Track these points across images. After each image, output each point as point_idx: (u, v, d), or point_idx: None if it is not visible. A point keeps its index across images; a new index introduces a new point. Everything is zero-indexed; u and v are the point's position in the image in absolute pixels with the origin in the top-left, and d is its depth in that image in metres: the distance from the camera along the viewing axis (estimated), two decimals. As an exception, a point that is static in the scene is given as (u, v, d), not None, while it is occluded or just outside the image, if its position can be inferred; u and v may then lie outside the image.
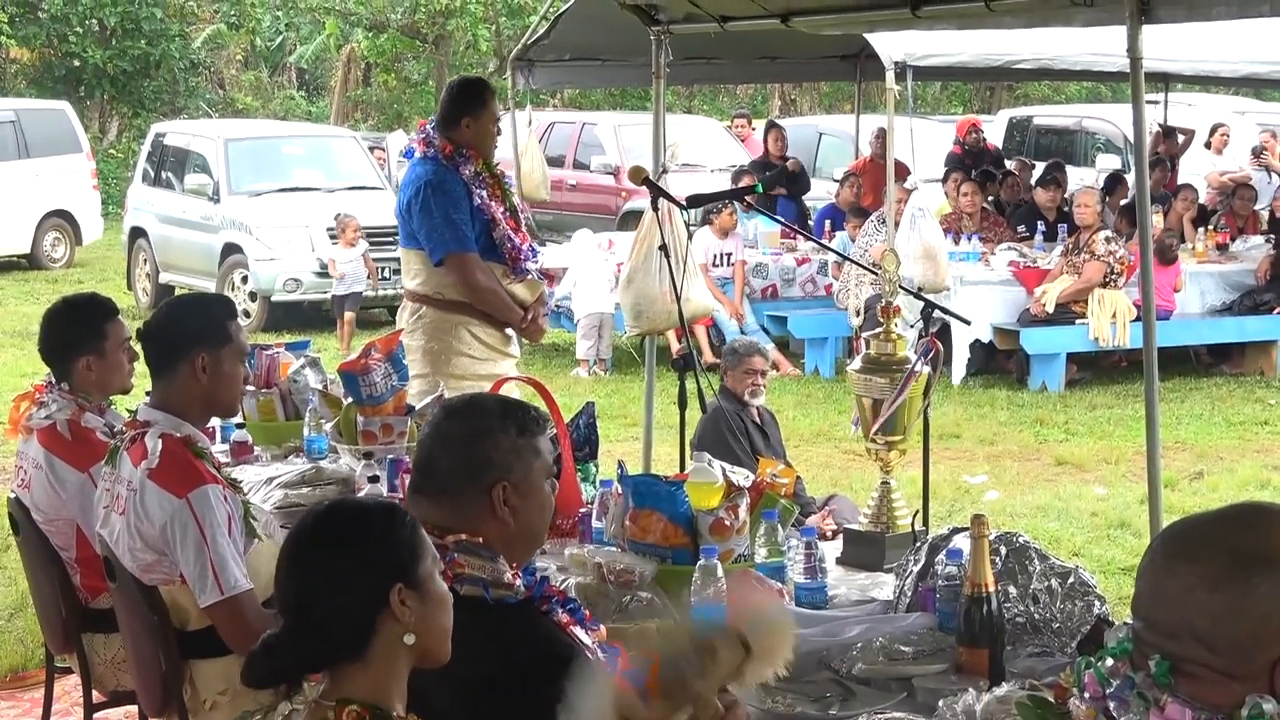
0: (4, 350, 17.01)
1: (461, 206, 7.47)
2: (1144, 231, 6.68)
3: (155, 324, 5.18)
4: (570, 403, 8.18)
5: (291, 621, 3.04)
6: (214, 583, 4.74)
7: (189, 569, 4.77)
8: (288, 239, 18.69)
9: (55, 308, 5.97)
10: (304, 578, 3.06)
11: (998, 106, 36.18)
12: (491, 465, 3.69)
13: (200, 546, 4.75)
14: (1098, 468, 11.78)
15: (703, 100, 41.48)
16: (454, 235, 7.45)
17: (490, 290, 7.55)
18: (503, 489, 3.67)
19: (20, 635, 7.99)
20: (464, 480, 3.68)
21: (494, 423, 3.74)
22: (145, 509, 4.81)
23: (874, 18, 7.93)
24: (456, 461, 3.70)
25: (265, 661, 3.03)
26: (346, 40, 40.09)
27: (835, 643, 4.25)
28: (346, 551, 3.06)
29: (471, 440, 3.72)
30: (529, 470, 3.73)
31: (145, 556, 4.87)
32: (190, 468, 4.85)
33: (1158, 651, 2.52)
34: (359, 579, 3.04)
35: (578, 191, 24.00)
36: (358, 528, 3.11)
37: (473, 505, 3.66)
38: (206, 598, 4.76)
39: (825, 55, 16.11)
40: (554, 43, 12.15)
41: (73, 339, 5.80)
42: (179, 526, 4.76)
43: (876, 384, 5.34)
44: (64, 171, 24.18)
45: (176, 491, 4.78)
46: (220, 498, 4.83)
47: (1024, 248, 16.00)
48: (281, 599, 3.08)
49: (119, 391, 5.93)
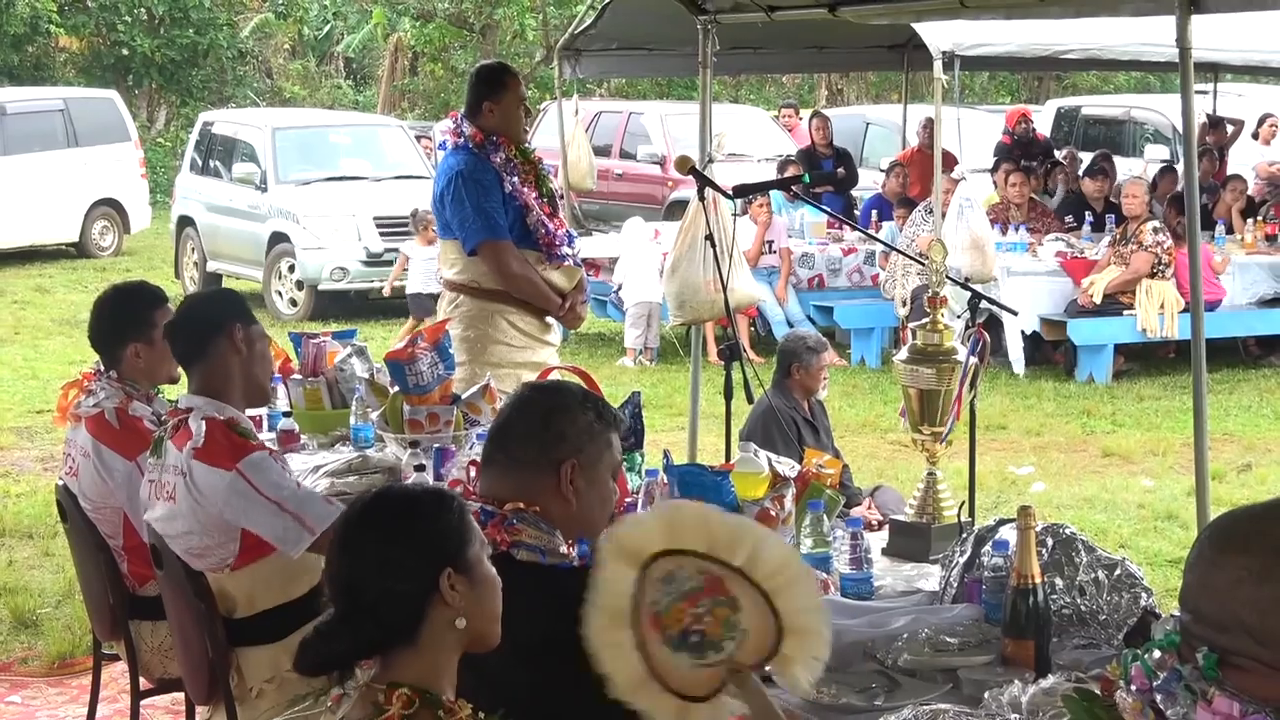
0: (52, 338, 17.11)
1: (493, 195, 7.46)
2: (1192, 223, 6.66)
3: (181, 316, 5.25)
4: (616, 392, 8.19)
5: (343, 608, 3.05)
6: (298, 527, 4.77)
7: (267, 530, 4.81)
8: (335, 228, 18.74)
9: (106, 295, 6.00)
10: (355, 564, 3.07)
11: (1045, 96, 36.04)
12: (564, 440, 3.75)
13: (267, 505, 4.79)
14: (1145, 459, 11.73)
15: (749, 90, 41.41)
16: (486, 224, 7.45)
17: (525, 278, 7.55)
18: (571, 467, 3.73)
19: (68, 622, 8.04)
20: (536, 450, 3.74)
21: (574, 402, 3.83)
22: (199, 489, 4.84)
23: (922, 7, 7.92)
24: (532, 430, 3.76)
25: (318, 648, 3.05)
26: (393, 29, 40.10)
27: (880, 634, 4.24)
28: (397, 537, 3.08)
29: (550, 413, 3.79)
30: (599, 456, 3.80)
31: (202, 540, 4.90)
32: (235, 442, 4.89)
33: (1205, 644, 2.51)
34: (410, 564, 3.05)
35: (624, 181, 24.00)
36: (407, 513, 3.12)
37: (540, 478, 3.71)
38: (300, 545, 4.78)
39: (872, 45, 16.06)
40: (601, 32, 12.16)
41: (122, 326, 5.82)
42: (238, 496, 4.79)
43: (923, 375, 5.33)
44: (112, 160, 24.28)
45: (225, 465, 4.82)
46: (270, 459, 4.88)
47: (1072, 238, 15.94)
48: (332, 585, 3.09)
49: (166, 380, 5.95)
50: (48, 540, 9.45)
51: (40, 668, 7.62)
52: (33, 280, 21.59)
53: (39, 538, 9.61)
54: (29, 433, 12.59)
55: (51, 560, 9.14)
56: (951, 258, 12.48)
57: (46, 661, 7.67)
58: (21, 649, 7.85)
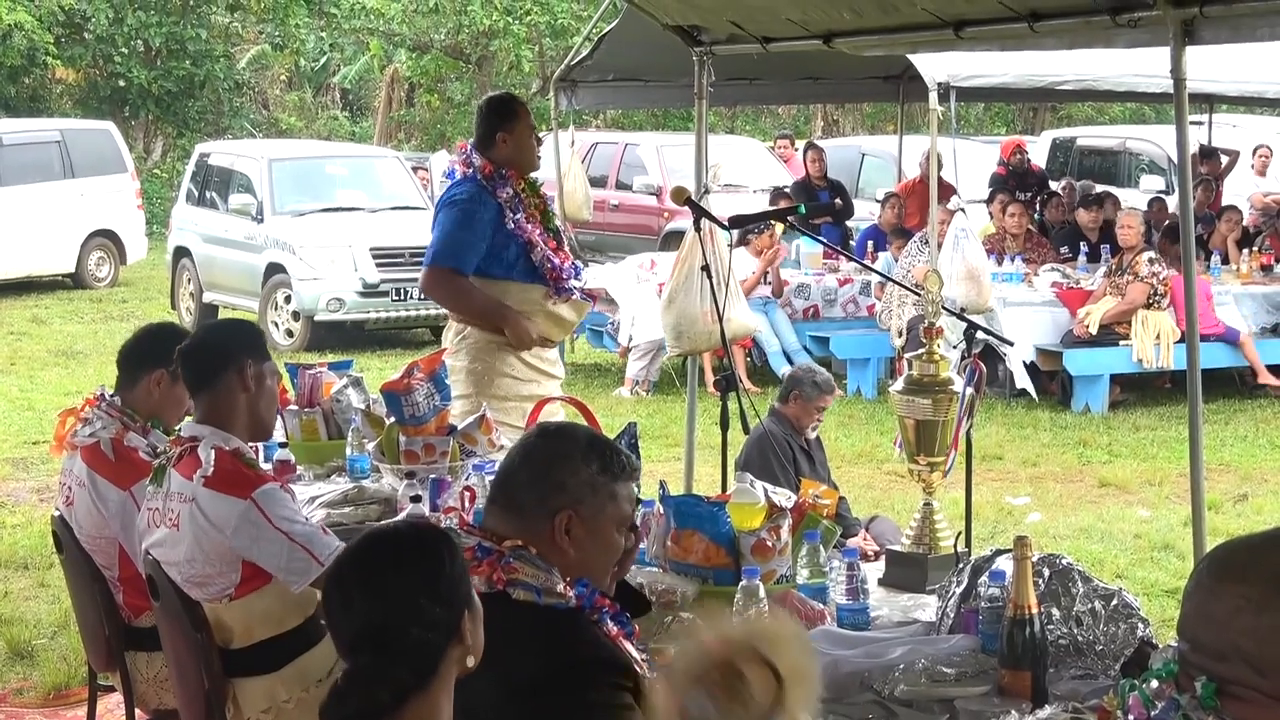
0: (48, 369, 17.11)
1: (476, 227, 7.46)
2: (1187, 252, 6.66)
3: (195, 342, 5.22)
4: (612, 423, 8.19)
5: (370, 654, 2.97)
6: (307, 559, 4.76)
7: (274, 562, 4.79)
8: (331, 259, 18.75)
9: (156, 323, 6.04)
10: (388, 609, 2.99)
11: (1041, 127, 36.13)
12: (563, 490, 3.68)
13: (278, 538, 4.78)
14: (1141, 490, 11.73)
15: (745, 121, 41.49)
16: (447, 249, 7.49)
17: (466, 304, 7.59)
18: (567, 518, 3.65)
19: (63, 653, 8.03)
20: (534, 499, 3.68)
21: (578, 452, 3.74)
22: (208, 517, 4.82)
23: (917, 39, 7.92)
24: (532, 478, 3.71)
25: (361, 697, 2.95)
26: (390, 61, 40.22)
27: (877, 664, 4.24)
28: (432, 582, 3.03)
29: (552, 462, 3.72)
30: (600, 509, 3.71)
31: (204, 569, 4.88)
32: (246, 473, 4.89)
33: (1204, 673, 2.51)
34: (440, 610, 3.01)
35: (620, 212, 24.03)
36: (435, 556, 3.07)
37: (537, 527, 3.65)
38: (306, 578, 4.77)
39: (868, 76, 16.09)
40: (597, 63, 12.17)
41: (158, 352, 5.76)
42: (250, 525, 4.78)
43: (919, 405, 5.33)
44: (109, 191, 24.32)
45: (240, 494, 4.81)
46: (283, 492, 4.87)
47: (1067, 269, 15.96)
48: (356, 630, 3.00)
49: (166, 422, 5.91)
50: (43, 571, 9.44)
51: (35, 699, 7.60)
52: (29, 311, 21.59)
53: (34, 569, 9.59)
54: (25, 463, 12.57)
55: (47, 591, 9.13)
56: (947, 288, 12.50)
57: (42, 693, 7.65)
58: (17, 680, 7.84)
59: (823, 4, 7.55)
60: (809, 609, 4.63)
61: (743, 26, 8.30)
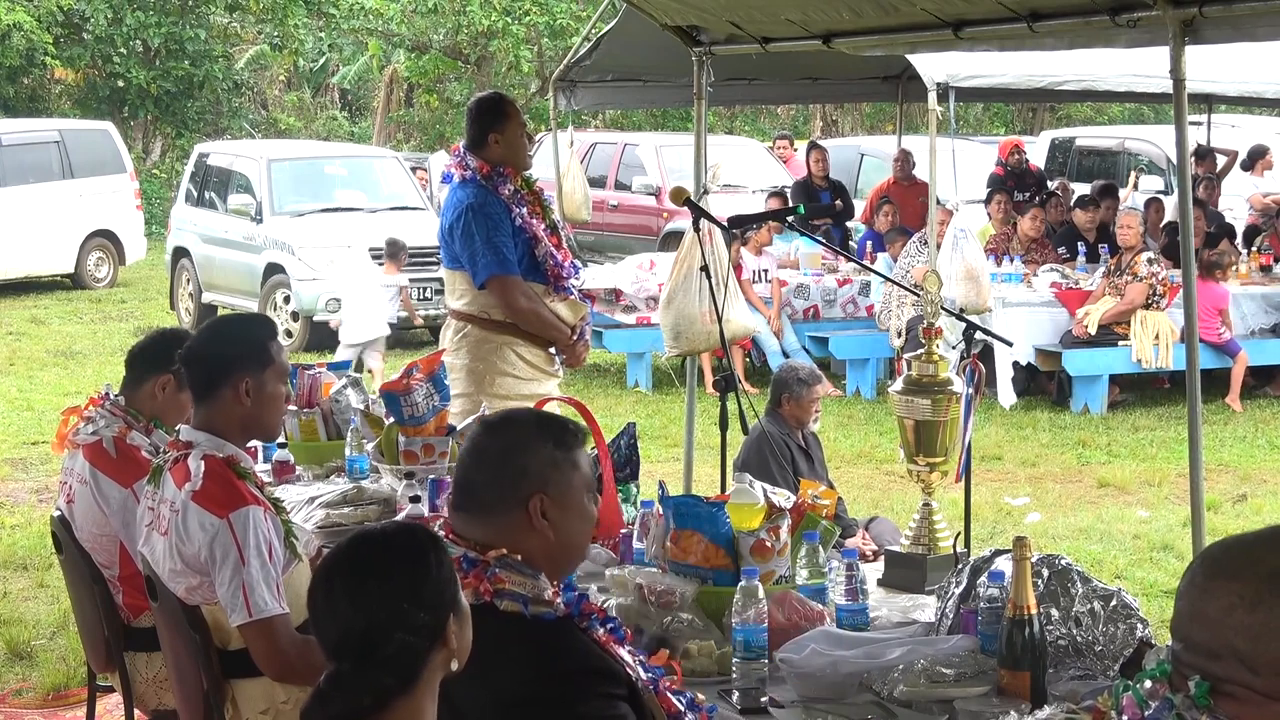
0: (47, 369, 17.11)
1: (503, 228, 7.46)
2: (1186, 252, 6.67)
3: (198, 347, 5.17)
4: (612, 423, 8.19)
5: (355, 659, 2.97)
6: (243, 604, 4.71)
7: (223, 588, 4.76)
8: (330, 259, 18.74)
9: (168, 329, 6.06)
10: (371, 615, 2.99)
11: (1040, 127, 36.13)
12: (528, 477, 3.65)
13: (236, 567, 4.73)
14: (1140, 490, 11.73)
15: (744, 121, 41.50)
16: (496, 258, 7.44)
17: (532, 312, 7.55)
18: (540, 501, 3.62)
19: (63, 654, 8.03)
20: (501, 494, 3.65)
21: (530, 436, 3.71)
22: (187, 530, 4.81)
23: (916, 39, 7.93)
24: (493, 476, 3.67)
25: (339, 701, 2.96)
26: (389, 61, 40.22)
27: (876, 665, 4.24)
28: (416, 588, 3.03)
29: (507, 454, 3.69)
30: (567, 484, 3.68)
31: (187, 579, 4.88)
32: (233, 489, 4.84)
33: (1197, 672, 2.51)
34: (425, 615, 3.01)
35: (619, 212, 24.03)
36: (420, 561, 3.07)
37: (511, 519, 3.63)
38: (237, 617, 4.75)
39: (867, 76, 16.11)
40: (596, 64, 12.19)
41: (166, 358, 5.74)
42: (219, 547, 4.76)
43: (918, 405, 5.33)
44: (108, 192, 24.32)
45: (218, 512, 4.78)
46: (262, 519, 4.82)
47: (1066, 269, 15.96)
48: (340, 635, 3.01)
49: (166, 424, 5.90)
50: (42, 572, 9.44)
51: (35, 700, 7.60)
52: (28, 311, 21.60)
53: (34, 569, 9.60)
54: (24, 464, 12.58)
55: (46, 592, 9.13)
56: (946, 289, 12.50)
57: (41, 693, 7.65)
58: (16, 681, 7.84)
59: (822, 4, 7.56)
60: (808, 609, 4.63)
61: (742, 26, 8.31)
